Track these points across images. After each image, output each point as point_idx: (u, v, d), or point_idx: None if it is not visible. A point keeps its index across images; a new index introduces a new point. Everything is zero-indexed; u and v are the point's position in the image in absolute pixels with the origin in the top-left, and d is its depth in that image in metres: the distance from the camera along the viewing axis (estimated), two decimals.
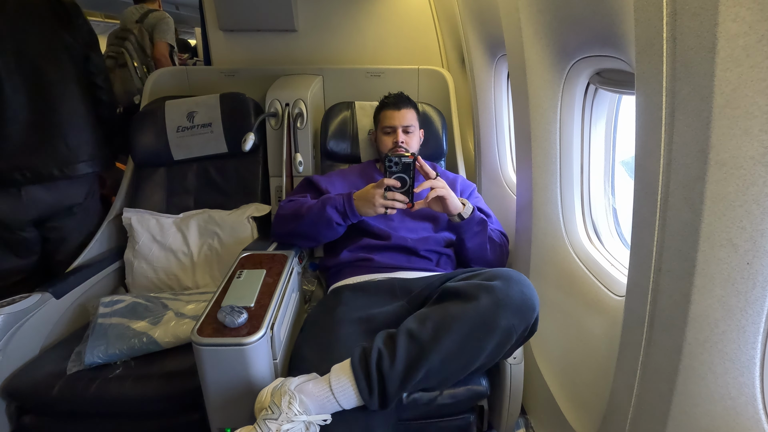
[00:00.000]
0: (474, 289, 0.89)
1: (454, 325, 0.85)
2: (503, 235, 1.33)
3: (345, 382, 0.83)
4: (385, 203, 1.12)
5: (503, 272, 0.92)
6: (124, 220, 1.50)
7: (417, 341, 0.85)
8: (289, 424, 0.77)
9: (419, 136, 1.46)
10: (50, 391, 1.06)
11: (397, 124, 1.39)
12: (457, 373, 0.89)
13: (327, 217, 1.18)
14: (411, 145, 1.39)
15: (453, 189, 1.34)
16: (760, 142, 0.49)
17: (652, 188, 0.63)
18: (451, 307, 0.89)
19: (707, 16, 0.49)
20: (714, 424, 0.63)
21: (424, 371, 0.84)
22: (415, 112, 1.44)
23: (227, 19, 1.90)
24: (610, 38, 0.79)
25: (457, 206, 1.20)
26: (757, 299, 0.55)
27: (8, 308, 1.12)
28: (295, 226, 1.24)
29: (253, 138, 1.48)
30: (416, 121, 1.43)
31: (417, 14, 1.97)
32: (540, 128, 1.10)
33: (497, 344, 0.86)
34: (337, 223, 1.19)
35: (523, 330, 0.88)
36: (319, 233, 1.23)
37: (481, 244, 1.25)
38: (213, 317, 0.95)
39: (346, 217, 1.18)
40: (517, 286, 0.88)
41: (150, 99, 1.78)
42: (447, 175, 1.47)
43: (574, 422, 1.02)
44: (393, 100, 1.42)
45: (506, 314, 0.85)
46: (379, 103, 1.47)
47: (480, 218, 1.24)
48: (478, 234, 1.24)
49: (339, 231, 1.23)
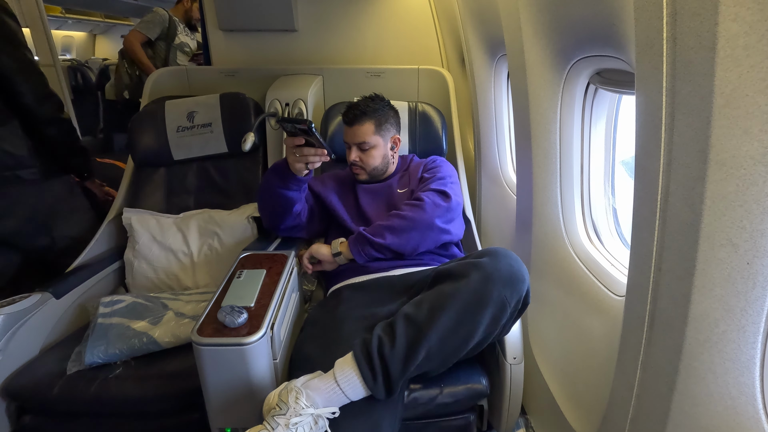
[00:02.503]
0: (464, 268, 0.91)
1: (448, 303, 0.87)
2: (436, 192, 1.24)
3: (349, 373, 0.84)
4: (298, 159, 1.13)
5: (491, 249, 0.95)
6: (124, 220, 1.50)
7: (414, 323, 0.87)
8: (297, 418, 0.77)
9: (387, 147, 1.33)
10: (50, 391, 1.06)
11: (349, 142, 1.31)
12: (457, 350, 0.90)
13: (269, 184, 1.22)
14: (368, 163, 1.31)
15: (415, 175, 1.36)
16: (760, 142, 0.49)
17: (652, 188, 0.63)
18: (444, 288, 0.91)
19: (707, 16, 0.49)
20: (714, 424, 0.63)
21: (425, 351, 0.86)
22: (375, 125, 1.29)
23: (227, 19, 1.90)
24: (610, 38, 0.79)
25: (325, 255, 1.23)
26: (757, 299, 0.55)
27: (8, 308, 1.12)
28: (259, 201, 1.30)
29: (253, 138, 1.47)
30: (376, 135, 1.29)
31: (417, 14, 1.97)
32: (540, 128, 1.10)
33: (492, 317, 0.88)
34: (278, 187, 1.20)
35: (516, 302, 0.90)
36: (271, 203, 1.25)
37: (394, 234, 1.19)
38: (213, 317, 0.95)
39: (284, 179, 1.19)
40: (504, 259, 0.91)
41: (150, 99, 1.78)
42: (417, 162, 1.43)
43: (574, 422, 1.02)
44: (349, 113, 1.30)
45: (497, 286, 0.87)
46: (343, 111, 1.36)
47: (359, 235, 1.21)
48: (376, 238, 1.19)
49: (290, 195, 1.22)
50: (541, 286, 1.21)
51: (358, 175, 1.36)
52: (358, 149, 1.31)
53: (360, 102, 1.31)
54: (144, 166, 1.64)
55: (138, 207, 1.57)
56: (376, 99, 1.33)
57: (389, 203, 1.33)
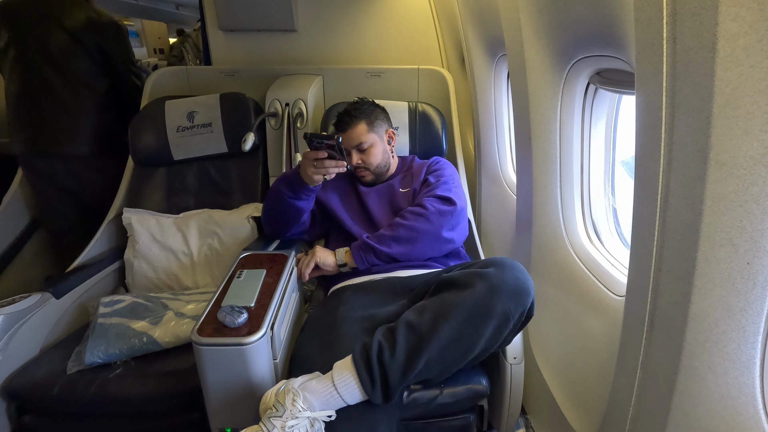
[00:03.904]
0: (469, 277, 0.90)
1: (452, 312, 0.86)
2: (439, 199, 1.23)
3: (347, 377, 0.84)
4: (317, 171, 1.14)
5: (497, 259, 0.94)
6: (124, 220, 1.50)
7: (416, 331, 0.86)
8: (293, 421, 0.77)
9: (384, 142, 1.36)
10: (50, 391, 1.06)
11: (347, 146, 1.31)
12: (458, 360, 0.89)
13: (279, 193, 1.22)
14: (370, 162, 1.32)
15: (418, 175, 1.36)
16: (760, 142, 0.49)
17: (652, 188, 0.63)
18: (447, 296, 0.90)
19: (707, 16, 0.49)
20: (714, 423, 0.63)
21: (425, 360, 0.85)
22: (367, 123, 1.31)
23: (227, 19, 1.90)
24: (610, 38, 0.79)
25: (331, 266, 1.22)
26: (757, 299, 0.55)
27: (8, 308, 1.12)
28: (264, 209, 1.30)
29: (253, 138, 1.48)
30: (371, 133, 1.32)
31: (417, 14, 1.97)
32: (540, 128, 1.10)
33: (495, 329, 0.87)
34: (288, 196, 1.21)
35: (520, 314, 0.89)
36: (280, 212, 1.26)
37: (399, 244, 1.19)
38: (213, 317, 0.95)
39: (295, 189, 1.20)
40: (511, 271, 0.89)
41: (150, 99, 1.78)
42: (419, 162, 1.43)
43: (574, 422, 1.02)
44: (339, 121, 1.33)
45: (502, 298, 0.86)
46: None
47: (363, 243, 1.20)
48: (382, 247, 1.18)
49: (299, 205, 1.23)
50: (541, 286, 1.21)
51: (364, 178, 1.36)
52: (358, 151, 1.32)
53: (347, 108, 1.34)
54: (144, 166, 1.64)
55: (138, 207, 1.57)
56: (361, 101, 1.37)
57: (392, 203, 1.33)
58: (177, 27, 5.82)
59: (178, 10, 5.61)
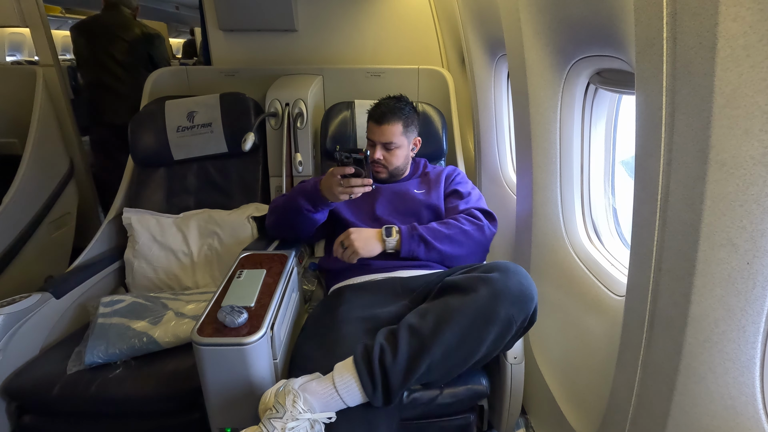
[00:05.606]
0: (473, 282, 0.89)
1: (455, 317, 0.86)
2: (483, 212, 1.25)
3: (348, 379, 0.84)
4: (344, 190, 1.11)
5: (501, 264, 0.93)
6: (124, 220, 1.50)
7: (418, 335, 0.86)
8: (293, 422, 0.77)
9: (409, 148, 1.36)
10: (50, 391, 1.06)
11: (376, 140, 1.31)
12: (459, 365, 0.89)
13: (297, 205, 1.20)
14: (391, 162, 1.31)
15: (438, 182, 1.35)
16: (760, 142, 0.49)
17: (652, 188, 0.63)
18: (450, 301, 0.89)
19: (707, 16, 0.49)
20: (714, 423, 0.63)
21: (426, 365, 0.85)
22: (403, 125, 1.30)
23: (227, 19, 1.90)
24: (610, 38, 0.79)
25: (372, 250, 1.16)
26: (757, 299, 0.55)
27: (8, 308, 1.12)
28: (276, 217, 1.29)
29: (253, 138, 1.48)
30: (403, 136, 1.31)
31: (417, 14, 1.97)
32: (540, 128, 1.10)
33: (498, 335, 0.87)
34: (307, 210, 1.19)
35: (522, 320, 0.88)
36: (295, 222, 1.24)
37: (452, 245, 1.18)
38: (213, 317, 0.95)
39: (315, 203, 1.19)
40: (514, 276, 0.89)
41: (150, 99, 1.79)
42: (435, 169, 1.43)
43: (574, 422, 1.02)
44: (378, 112, 1.30)
45: (505, 304, 0.86)
46: (370, 109, 1.36)
47: (419, 235, 1.17)
48: (436, 243, 1.16)
49: (316, 218, 1.22)
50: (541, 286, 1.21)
51: (379, 173, 1.35)
52: (384, 148, 1.31)
53: (389, 101, 1.33)
54: (144, 166, 1.64)
55: (138, 207, 1.57)
56: (403, 99, 1.35)
57: (405, 204, 1.31)
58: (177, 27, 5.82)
59: (178, 10, 5.60)
